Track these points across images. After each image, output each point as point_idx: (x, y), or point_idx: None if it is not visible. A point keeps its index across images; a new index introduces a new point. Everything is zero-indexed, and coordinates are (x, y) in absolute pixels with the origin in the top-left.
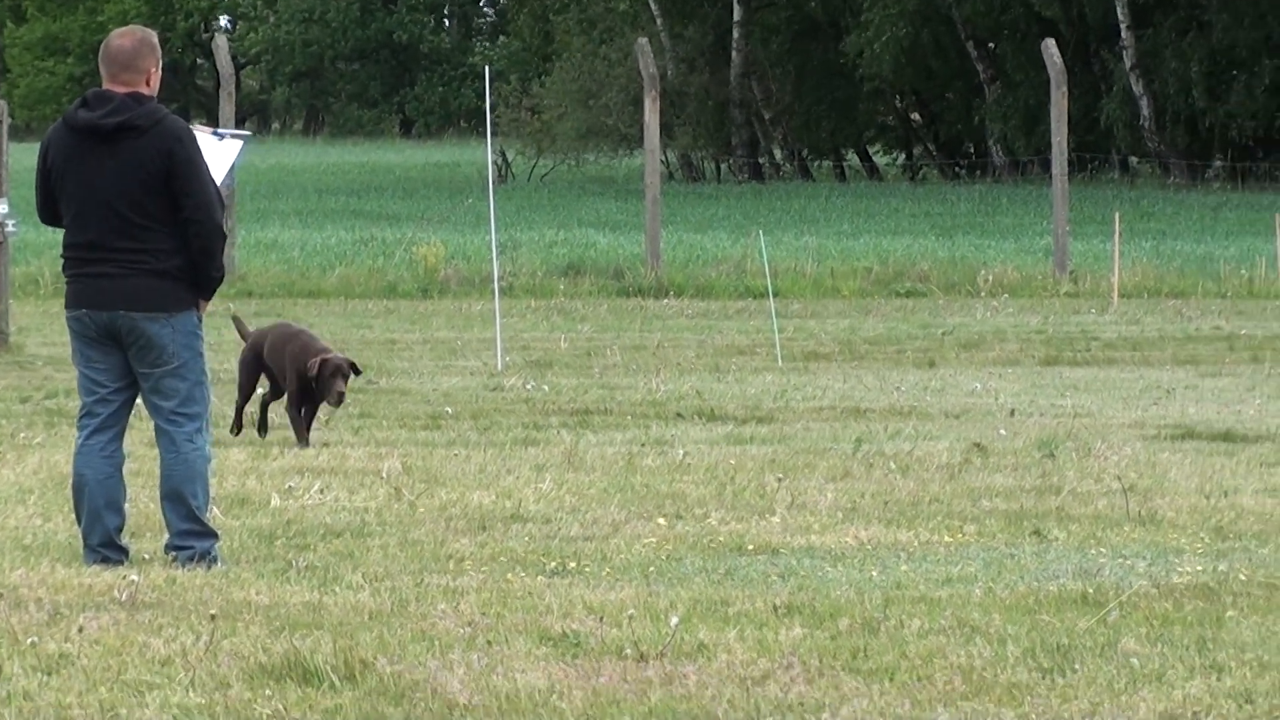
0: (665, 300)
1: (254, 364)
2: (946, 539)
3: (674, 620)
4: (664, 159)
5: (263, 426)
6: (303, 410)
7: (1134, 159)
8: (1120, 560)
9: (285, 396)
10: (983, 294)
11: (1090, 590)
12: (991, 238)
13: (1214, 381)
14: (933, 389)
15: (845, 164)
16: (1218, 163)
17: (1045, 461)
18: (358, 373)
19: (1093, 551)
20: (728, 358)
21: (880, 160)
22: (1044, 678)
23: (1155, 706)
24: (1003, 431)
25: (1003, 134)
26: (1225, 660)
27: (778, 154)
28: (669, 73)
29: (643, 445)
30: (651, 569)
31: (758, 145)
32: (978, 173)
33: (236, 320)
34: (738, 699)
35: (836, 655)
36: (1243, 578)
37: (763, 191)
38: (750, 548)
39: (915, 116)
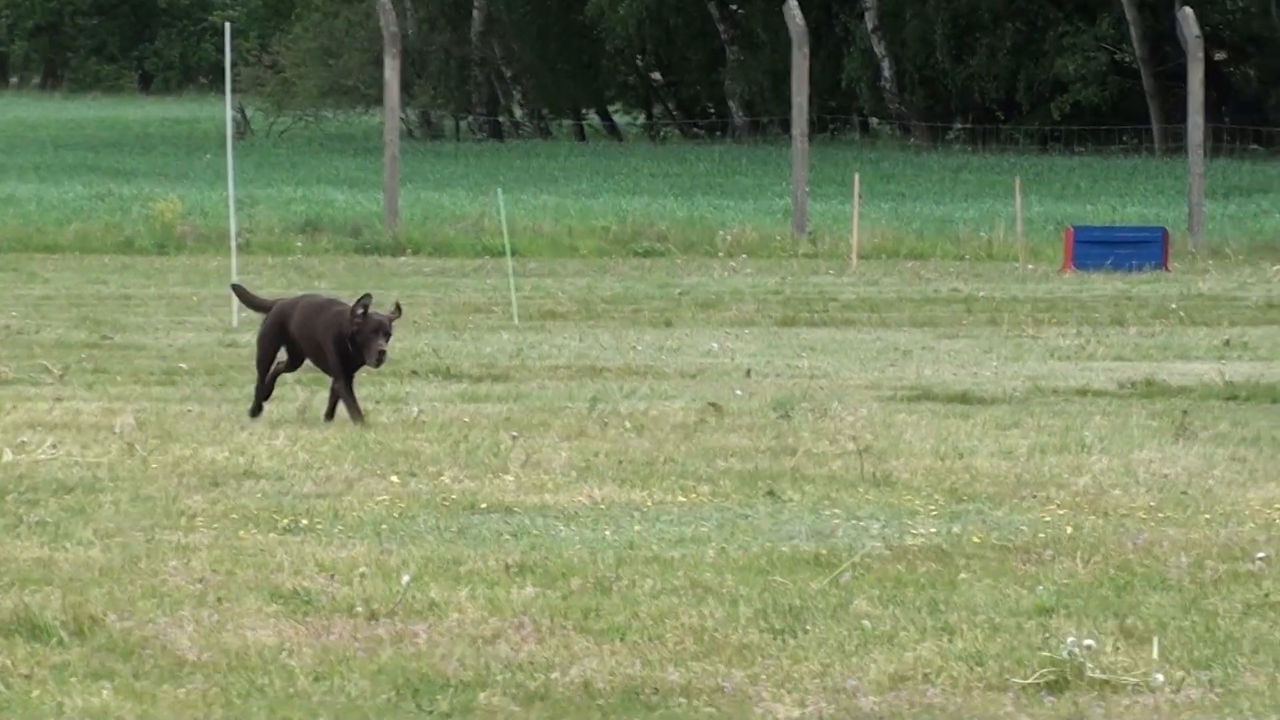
0: (403, 258)
1: (277, 337)
2: (680, 499)
3: (405, 578)
4: (404, 117)
5: (266, 397)
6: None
7: (875, 120)
8: (854, 522)
9: (329, 375)
10: (721, 254)
11: (823, 551)
12: (731, 198)
13: (951, 343)
14: (669, 349)
15: (585, 123)
16: (958, 125)
17: (781, 422)
18: (400, 313)
19: (827, 513)
20: (464, 315)
21: (621, 120)
22: (775, 638)
23: (886, 668)
24: (739, 392)
25: (744, 95)
26: (957, 622)
27: (518, 113)
28: (410, 32)
29: (377, 403)
30: (384, 527)
31: (498, 104)
32: (718, 133)
33: (239, 290)
34: (468, 658)
35: (568, 615)
36: (976, 540)
37: (502, 150)
38: (484, 506)
39: (656, 76)
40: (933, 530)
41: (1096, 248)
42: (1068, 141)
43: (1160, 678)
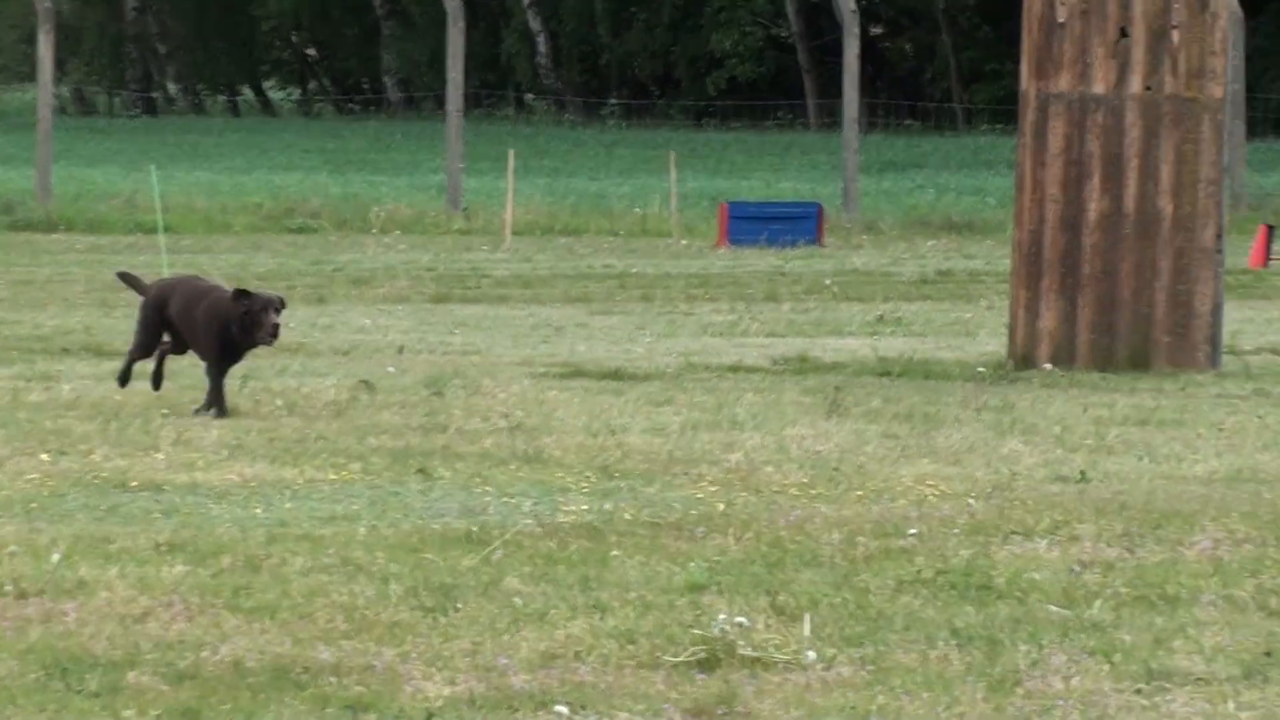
0: (55, 235)
1: (156, 321)
2: (331, 476)
3: (55, 557)
4: (57, 93)
5: (157, 378)
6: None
7: (531, 96)
8: (506, 499)
9: (201, 359)
10: (375, 230)
11: (475, 529)
12: (385, 174)
13: (605, 319)
14: (321, 325)
15: (240, 99)
16: (614, 100)
17: (433, 399)
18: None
19: (478, 490)
20: (117, 293)
21: (276, 96)
22: (426, 616)
23: (537, 645)
24: (391, 369)
25: (400, 71)
26: (608, 600)
27: (172, 88)
28: (64, 7)
29: (28, 380)
30: (34, 505)
31: (152, 80)
32: (373, 109)
33: (125, 276)
34: (117, 636)
35: (218, 593)
36: (628, 517)
37: (156, 126)
38: (134, 484)
39: (311, 52)
40: (584, 507)
41: (751, 223)
42: (723, 117)
43: (812, 655)
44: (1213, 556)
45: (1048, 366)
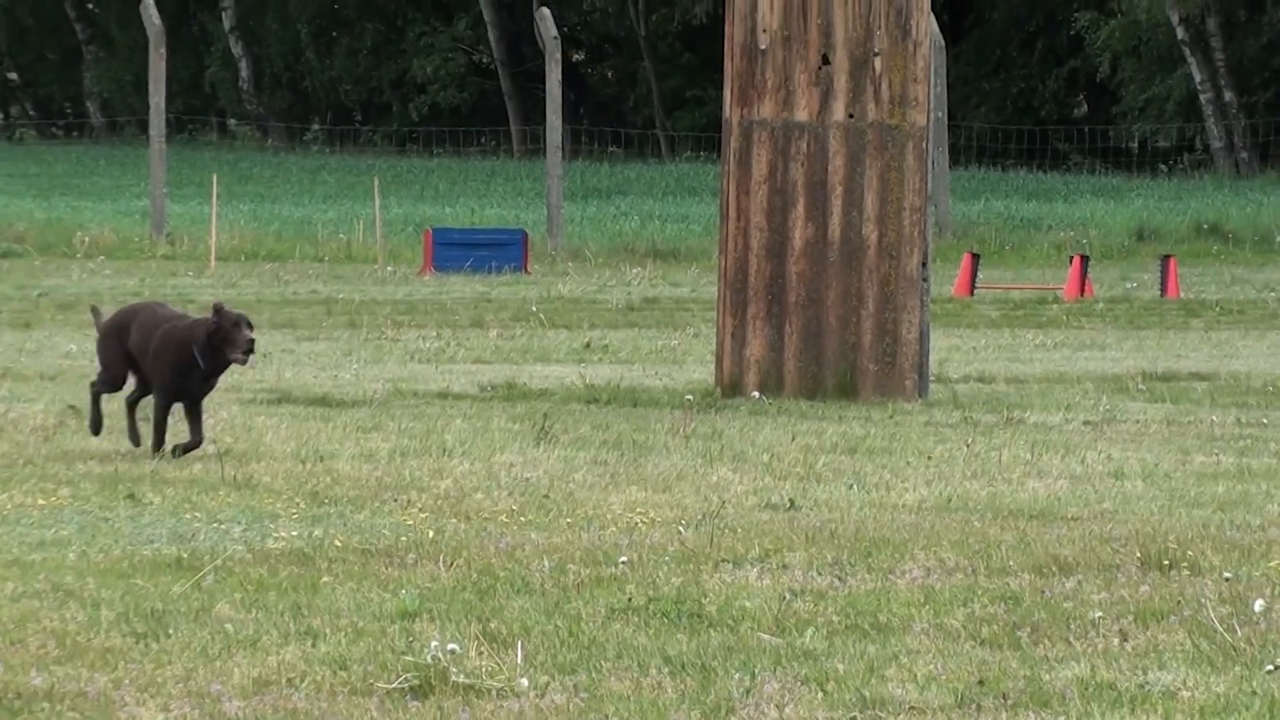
0: None
1: (117, 351)
2: (40, 502)
3: None
4: None
5: (133, 432)
6: (186, 405)
7: (234, 121)
8: (216, 525)
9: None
10: (79, 255)
11: (185, 555)
12: (89, 199)
13: (311, 345)
14: (28, 350)
15: None
16: (317, 126)
17: (143, 424)
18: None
19: (188, 516)
20: None
21: None
22: (138, 642)
23: (249, 672)
24: None
25: (103, 95)
26: (320, 626)
27: None
28: None
29: None
30: None
31: None
32: (76, 134)
33: (95, 311)
34: None
35: None
36: (338, 544)
37: None
38: None
39: (12, 76)
40: (294, 533)
41: (456, 250)
42: (426, 143)
43: (525, 682)
44: (924, 585)
45: (755, 394)
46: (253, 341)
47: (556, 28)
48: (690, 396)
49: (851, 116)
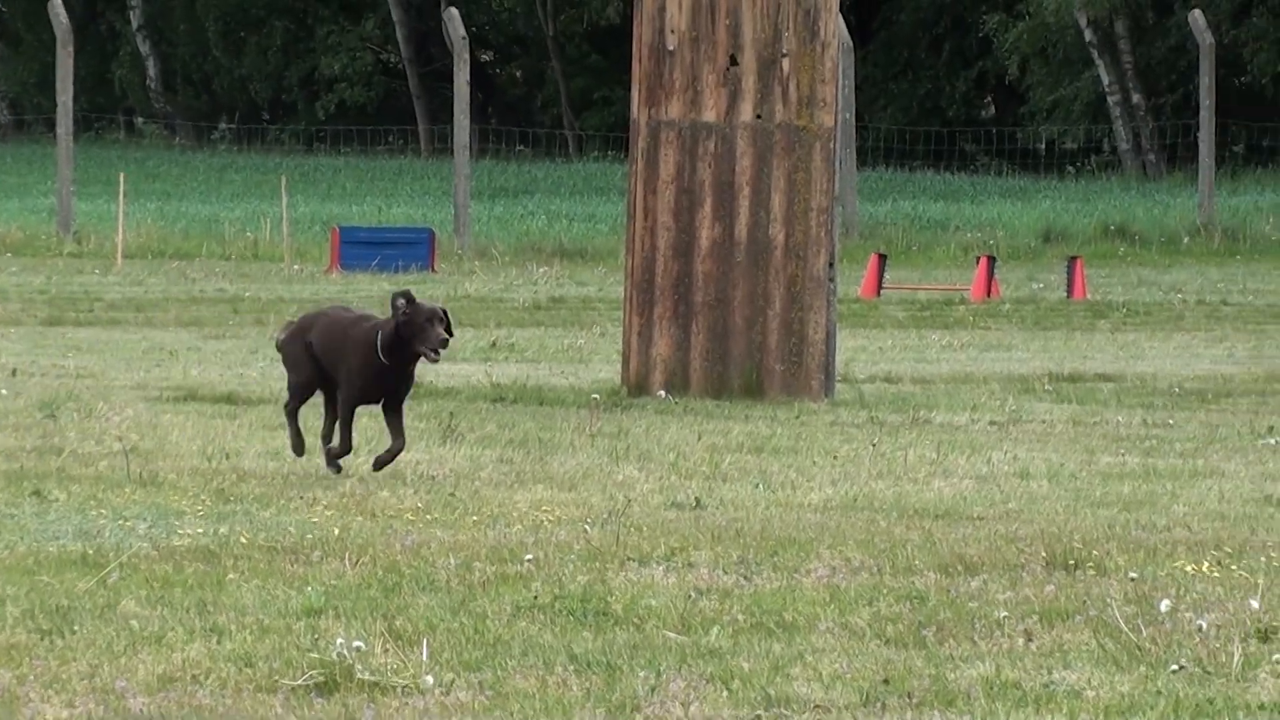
0: None
1: (304, 359)
2: None
3: None
4: None
5: (297, 439)
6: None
7: (141, 120)
8: (121, 522)
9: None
10: None
11: (91, 551)
12: None
13: (218, 344)
14: None
15: None
16: (224, 124)
17: (47, 422)
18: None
19: (94, 513)
20: None
21: None
22: (43, 639)
23: (155, 668)
24: (3, 391)
25: (9, 93)
26: (225, 623)
27: None
28: None
29: None
30: None
31: None
32: None
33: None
34: None
35: None
36: (244, 540)
37: None
38: None
39: None
40: (200, 530)
41: (363, 248)
42: (334, 142)
43: (430, 680)
44: (829, 584)
45: (662, 394)
46: (446, 341)
47: (465, 28)
48: (596, 395)
49: (759, 117)
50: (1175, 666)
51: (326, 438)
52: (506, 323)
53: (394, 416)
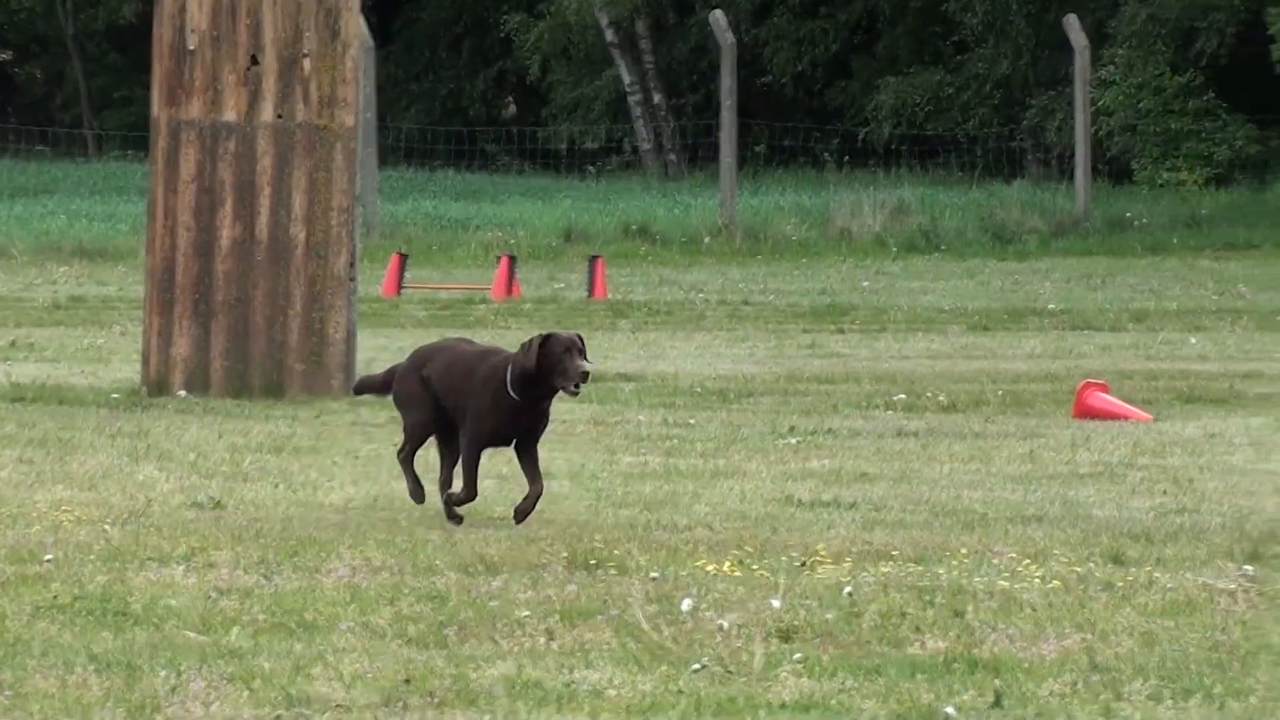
0: None
1: (422, 398)
2: None
3: None
4: None
5: (414, 483)
6: (518, 449)
7: None
8: None
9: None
10: None
11: None
12: None
13: None
14: None
15: None
16: None
17: None
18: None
19: None
20: None
21: None
22: None
23: None
24: None
25: None
26: None
27: None
28: None
29: None
30: None
31: None
32: None
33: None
34: None
35: None
36: None
37: None
38: None
39: None
40: None
41: None
42: None
43: None
44: (350, 584)
45: (182, 393)
46: (586, 374)
47: None
48: (116, 395)
49: (280, 117)
50: (697, 665)
51: (446, 484)
52: (26, 323)
53: (528, 458)
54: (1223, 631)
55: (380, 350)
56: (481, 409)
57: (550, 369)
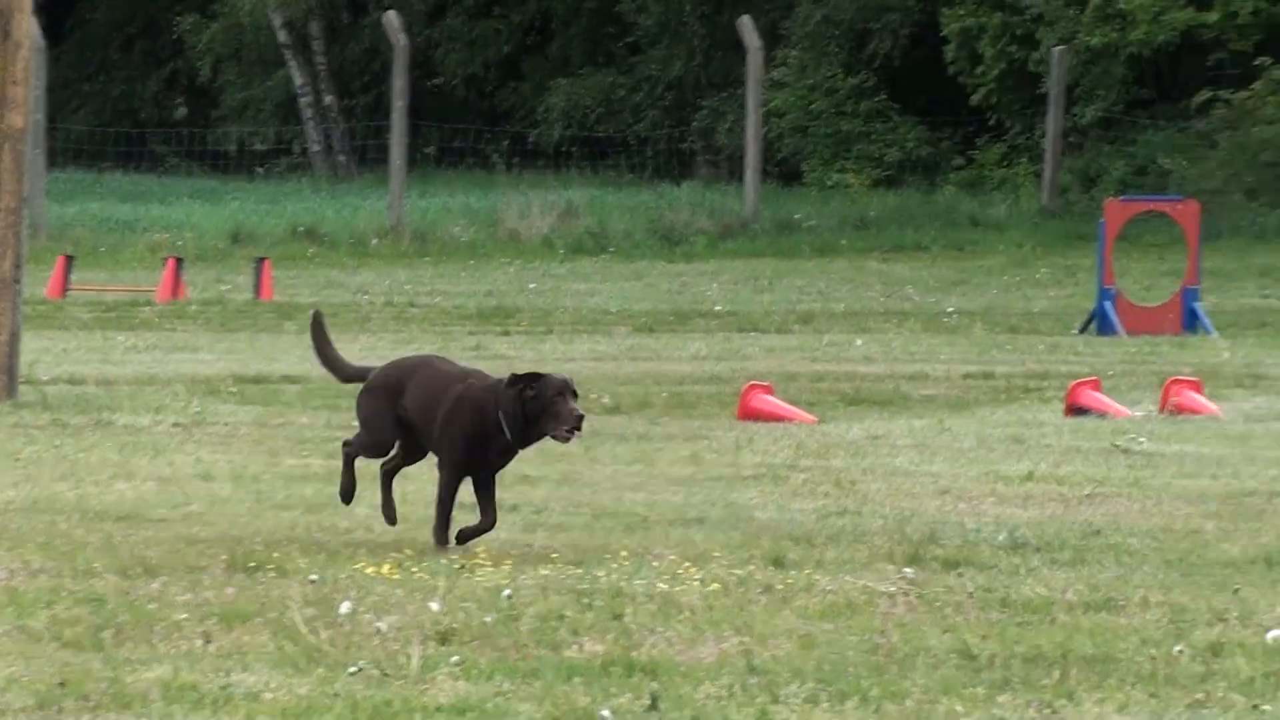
0: None
1: (387, 413)
2: None
3: None
4: None
5: (389, 509)
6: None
7: None
8: None
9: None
10: None
11: None
12: None
13: None
14: None
15: None
16: None
17: None
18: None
19: None
20: None
21: None
22: None
23: None
24: None
25: None
26: None
27: None
28: None
29: None
30: None
31: None
32: None
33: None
34: None
35: None
36: None
37: None
38: None
39: None
40: None
41: None
42: None
43: None
44: (8, 587)
45: None
46: (581, 418)
47: None
48: None
49: None
50: (354, 668)
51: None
52: None
53: (487, 491)
54: (882, 634)
55: (44, 352)
56: (468, 443)
57: (541, 412)
